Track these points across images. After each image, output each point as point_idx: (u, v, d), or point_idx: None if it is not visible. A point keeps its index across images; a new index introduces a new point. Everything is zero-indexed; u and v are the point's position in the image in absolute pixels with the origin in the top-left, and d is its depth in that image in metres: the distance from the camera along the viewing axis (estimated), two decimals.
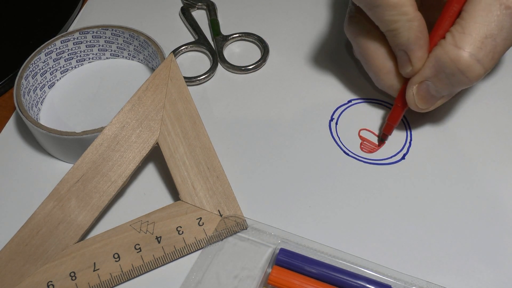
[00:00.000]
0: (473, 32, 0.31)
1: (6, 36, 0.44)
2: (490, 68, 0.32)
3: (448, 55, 0.31)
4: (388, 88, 0.37)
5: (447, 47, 0.32)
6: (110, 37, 0.41)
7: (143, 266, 0.32)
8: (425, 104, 0.35)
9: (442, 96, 0.35)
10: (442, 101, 0.35)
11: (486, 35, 0.31)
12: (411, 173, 0.36)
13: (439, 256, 0.32)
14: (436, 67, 0.33)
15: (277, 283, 0.30)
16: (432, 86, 0.34)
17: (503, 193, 0.35)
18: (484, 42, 0.31)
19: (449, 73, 0.32)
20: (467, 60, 0.31)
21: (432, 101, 0.35)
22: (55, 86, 0.41)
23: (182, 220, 0.33)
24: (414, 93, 0.34)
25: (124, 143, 0.34)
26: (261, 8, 0.47)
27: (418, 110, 0.35)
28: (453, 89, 0.34)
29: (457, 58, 0.31)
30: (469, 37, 0.31)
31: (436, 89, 0.34)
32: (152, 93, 0.35)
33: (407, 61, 0.34)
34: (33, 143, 0.38)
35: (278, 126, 0.39)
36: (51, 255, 0.31)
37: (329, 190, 0.35)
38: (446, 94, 0.35)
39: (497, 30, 0.31)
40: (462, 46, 0.31)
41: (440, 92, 0.34)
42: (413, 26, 0.32)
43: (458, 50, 0.31)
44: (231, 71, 0.42)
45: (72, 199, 0.33)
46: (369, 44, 0.36)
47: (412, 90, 0.35)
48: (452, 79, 0.32)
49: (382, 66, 0.36)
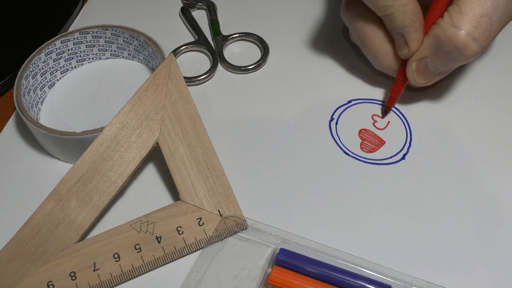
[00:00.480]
0: (469, 11, 0.32)
1: (6, 36, 0.44)
2: (486, 45, 0.33)
3: (445, 34, 0.33)
4: (387, 69, 0.38)
5: (444, 26, 0.33)
6: (110, 37, 0.41)
7: (143, 266, 0.32)
8: (424, 80, 0.37)
9: (440, 72, 0.36)
10: (440, 77, 0.37)
11: (482, 14, 0.32)
12: (411, 173, 0.36)
13: (439, 256, 0.32)
14: (434, 45, 0.34)
15: (277, 283, 0.30)
16: (430, 63, 0.35)
17: (503, 193, 0.35)
18: (479, 21, 0.32)
19: (446, 50, 0.33)
20: (464, 38, 0.32)
21: (431, 77, 0.36)
22: (55, 86, 0.41)
23: (182, 220, 0.33)
24: (414, 69, 0.36)
25: (124, 143, 0.34)
26: (261, 8, 0.47)
27: (417, 84, 0.37)
28: (450, 65, 0.35)
29: (454, 37, 0.32)
30: (465, 16, 0.32)
31: (434, 66, 0.35)
32: (152, 93, 0.35)
33: (403, 43, 0.35)
34: (33, 143, 0.38)
35: (278, 126, 0.39)
36: (51, 255, 0.31)
37: (329, 190, 0.35)
38: (444, 70, 0.36)
39: (492, 9, 0.32)
40: (458, 25, 0.32)
41: (438, 68, 0.36)
42: (408, 10, 0.34)
43: (455, 29, 0.32)
44: (231, 71, 0.42)
45: (72, 199, 0.33)
46: (367, 28, 0.37)
47: (412, 67, 0.36)
48: (449, 56, 0.34)
49: (380, 48, 0.37)
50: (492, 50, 0.43)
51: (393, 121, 0.39)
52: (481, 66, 0.42)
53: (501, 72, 0.42)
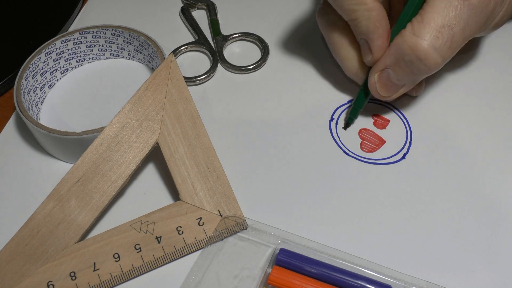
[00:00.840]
0: (431, 21, 0.32)
1: (6, 36, 0.44)
2: (448, 57, 0.33)
3: (407, 43, 0.33)
4: (353, 76, 0.39)
5: (406, 36, 0.33)
6: (110, 37, 0.41)
7: (143, 266, 0.32)
8: (387, 92, 0.36)
9: (404, 85, 0.36)
10: (404, 90, 0.36)
11: (444, 25, 0.32)
12: (411, 173, 0.36)
13: (439, 256, 0.32)
14: (396, 55, 0.34)
15: (277, 283, 0.30)
16: (393, 74, 0.35)
17: (503, 193, 0.35)
18: (441, 31, 0.32)
19: (408, 60, 0.33)
20: (425, 48, 0.32)
21: (394, 89, 0.36)
22: (55, 86, 0.41)
23: (182, 220, 0.33)
24: (376, 80, 0.36)
25: (124, 143, 0.34)
26: (261, 8, 0.47)
27: (380, 98, 0.37)
28: (413, 77, 0.35)
29: (415, 46, 0.32)
30: (427, 26, 0.32)
31: (397, 77, 0.35)
32: (152, 93, 0.35)
33: (367, 50, 0.36)
34: (33, 143, 0.38)
35: (278, 126, 0.39)
36: (51, 255, 0.31)
37: (329, 190, 0.35)
38: (408, 83, 0.36)
39: (455, 20, 0.32)
40: (420, 34, 0.32)
41: (401, 80, 0.35)
42: (372, 16, 0.34)
43: (416, 39, 0.32)
44: (231, 71, 0.42)
45: (72, 199, 0.33)
46: (335, 34, 0.38)
47: (374, 78, 0.36)
48: (411, 67, 0.34)
49: (347, 55, 0.38)
50: (492, 50, 0.43)
51: (393, 121, 0.39)
52: (481, 66, 0.42)
53: (501, 72, 0.42)
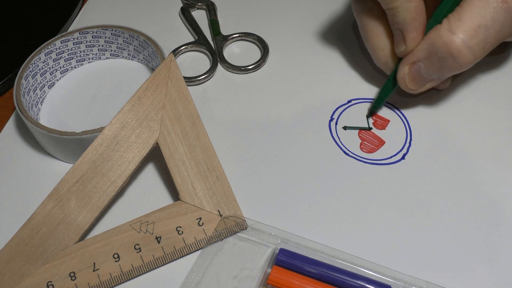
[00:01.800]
0: (468, 20, 0.32)
1: (6, 36, 0.44)
2: (480, 57, 0.33)
3: (441, 39, 0.33)
4: (382, 65, 0.39)
5: (441, 31, 0.33)
6: (110, 37, 0.41)
7: (143, 266, 0.32)
8: (415, 85, 0.37)
9: (431, 79, 0.36)
10: (431, 85, 0.37)
11: (480, 25, 0.32)
12: (411, 173, 0.36)
13: (439, 256, 0.32)
14: (429, 49, 0.34)
15: (277, 283, 0.30)
16: (423, 68, 0.35)
17: (503, 193, 0.35)
18: (477, 31, 0.32)
19: (440, 56, 0.34)
20: (459, 45, 0.32)
21: (422, 83, 0.36)
22: (55, 86, 0.41)
23: (182, 220, 0.33)
24: (406, 72, 0.36)
25: (124, 143, 0.34)
26: (261, 8, 0.47)
27: (407, 90, 0.37)
28: (443, 73, 0.35)
29: (449, 42, 0.33)
30: (463, 24, 0.32)
31: (427, 71, 0.35)
32: (152, 93, 0.35)
33: (401, 40, 0.36)
34: (33, 143, 0.38)
35: (278, 126, 0.39)
36: (51, 255, 0.31)
37: (329, 190, 0.35)
38: (436, 78, 0.36)
39: (491, 22, 0.32)
40: (455, 31, 0.32)
41: (430, 75, 0.35)
42: (411, 7, 0.34)
43: (452, 35, 0.32)
44: (231, 71, 0.42)
45: (72, 199, 0.33)
46: (370, 21, 0.38)
47: (404, 70, 0.36)
48: (443, 63, 0.34)
49: (379, 43, 0.38)
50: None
51: (393, 121, 0.39)
52: (482, 66, 0.42)
53: (502, 72, 0.42)
